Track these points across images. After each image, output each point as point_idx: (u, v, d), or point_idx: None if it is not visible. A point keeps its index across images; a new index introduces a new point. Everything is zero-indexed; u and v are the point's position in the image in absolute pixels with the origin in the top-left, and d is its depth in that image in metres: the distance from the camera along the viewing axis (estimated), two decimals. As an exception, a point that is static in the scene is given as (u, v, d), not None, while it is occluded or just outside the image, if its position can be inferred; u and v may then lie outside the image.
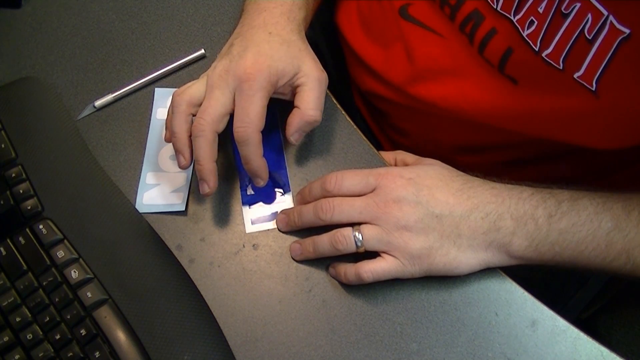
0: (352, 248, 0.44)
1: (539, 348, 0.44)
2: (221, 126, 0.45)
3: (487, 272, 0.46)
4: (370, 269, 0.44)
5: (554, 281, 0.67)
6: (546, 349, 0.44)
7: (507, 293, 0.46)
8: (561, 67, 0.43)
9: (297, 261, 0.47)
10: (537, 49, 0.44)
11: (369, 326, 0.45)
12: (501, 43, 0.46)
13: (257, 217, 0.49)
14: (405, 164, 0.51)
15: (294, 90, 0.48)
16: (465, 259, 0.43)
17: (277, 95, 0.48)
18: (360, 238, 0.43)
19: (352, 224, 0.44)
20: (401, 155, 0.52)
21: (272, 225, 0.49)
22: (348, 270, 0.44)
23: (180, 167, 0.46)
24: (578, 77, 0.43)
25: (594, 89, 0.42)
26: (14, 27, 0.57)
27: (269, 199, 0.50)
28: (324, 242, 0.45)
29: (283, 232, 0.48)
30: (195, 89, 0.46)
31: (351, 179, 0.46)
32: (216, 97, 0.44)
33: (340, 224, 0.45)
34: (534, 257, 0.43)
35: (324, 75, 0.48)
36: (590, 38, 0.41)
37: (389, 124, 0.64)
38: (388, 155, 0.52)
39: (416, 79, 0.54)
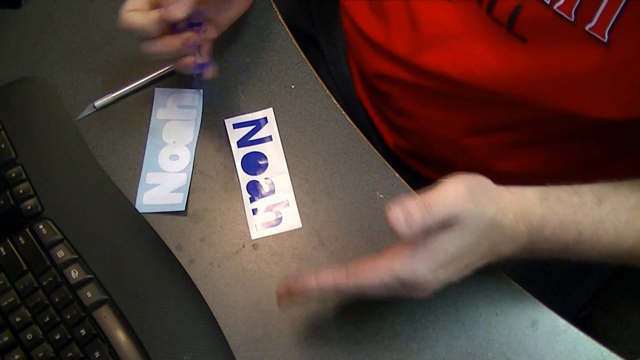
0: None
1: (539, 348, 0.44)
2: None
3: (487, 272, 0.46)
4: None
5: (553, 281, 0.67)
6: (546, 349, 0.44)
7: (507, 293, 0.46)
8: (572, 20, 0.42)
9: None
10: (548, 2, 0.43)
11: (369, 326, 0.45)
12: (510, 0, 0.45)
13: (263, 223, 0.49)
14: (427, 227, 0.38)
15: None
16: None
17: None
18: None
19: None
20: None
21: (277, 230, 0.48)
22: None
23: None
24: (590, 28, 0.42)
25: (605, 40, 0.41)
26: (14, 27, 0.57)
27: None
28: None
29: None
30: None
31: (371, 288, 0.39)
32: None
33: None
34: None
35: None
36: None
37: (392, 108, 0.62)
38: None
39: (422, 47, 0.53)
